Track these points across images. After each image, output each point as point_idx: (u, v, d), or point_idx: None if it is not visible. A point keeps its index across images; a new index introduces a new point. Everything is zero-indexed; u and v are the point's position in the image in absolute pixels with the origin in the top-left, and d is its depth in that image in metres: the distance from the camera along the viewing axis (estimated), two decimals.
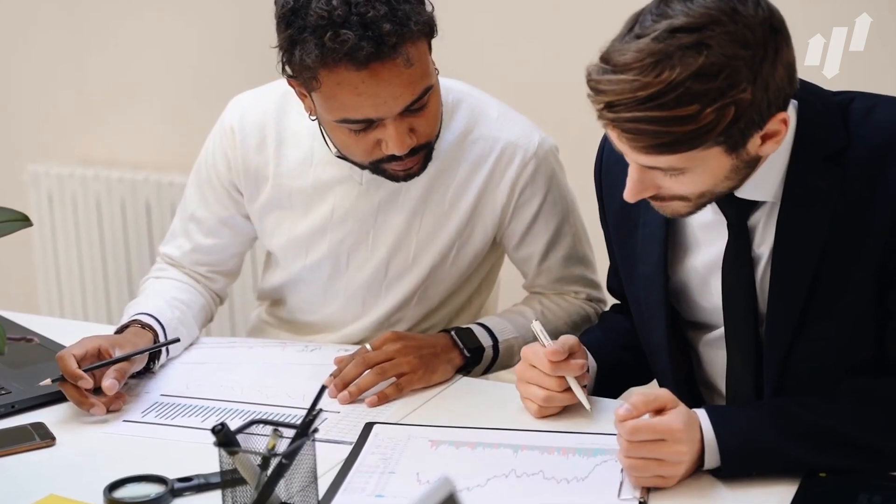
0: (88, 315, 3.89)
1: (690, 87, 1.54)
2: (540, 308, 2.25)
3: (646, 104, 1.55)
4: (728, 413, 1.73)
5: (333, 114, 1.97)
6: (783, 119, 1.63)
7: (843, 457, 1.68)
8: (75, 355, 1.95)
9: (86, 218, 3.82)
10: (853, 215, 1.69)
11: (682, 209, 1.72)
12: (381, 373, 2.01)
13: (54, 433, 1.90)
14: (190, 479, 1.74)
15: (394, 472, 1.76)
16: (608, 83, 1.58)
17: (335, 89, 1.93)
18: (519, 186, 2.17)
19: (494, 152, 2.15)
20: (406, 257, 2.20)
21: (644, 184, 1.69)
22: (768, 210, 1.76)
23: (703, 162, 1.62)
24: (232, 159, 2.23)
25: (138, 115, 3.82)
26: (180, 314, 2.21)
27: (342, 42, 1.87)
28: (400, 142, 1.97)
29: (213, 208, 2.29)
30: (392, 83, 1.92)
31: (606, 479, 1.72)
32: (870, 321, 1.73)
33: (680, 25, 1.56)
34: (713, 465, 1.69)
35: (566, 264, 2.25)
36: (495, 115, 2.18)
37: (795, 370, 1.77)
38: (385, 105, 1.94)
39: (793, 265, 1.73)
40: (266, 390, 2.05)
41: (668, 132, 1.57)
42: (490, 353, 2.14)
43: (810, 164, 1.71)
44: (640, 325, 1.96)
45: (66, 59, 3.87)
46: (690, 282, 1.87)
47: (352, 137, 2.00)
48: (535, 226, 2.21)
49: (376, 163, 2.03)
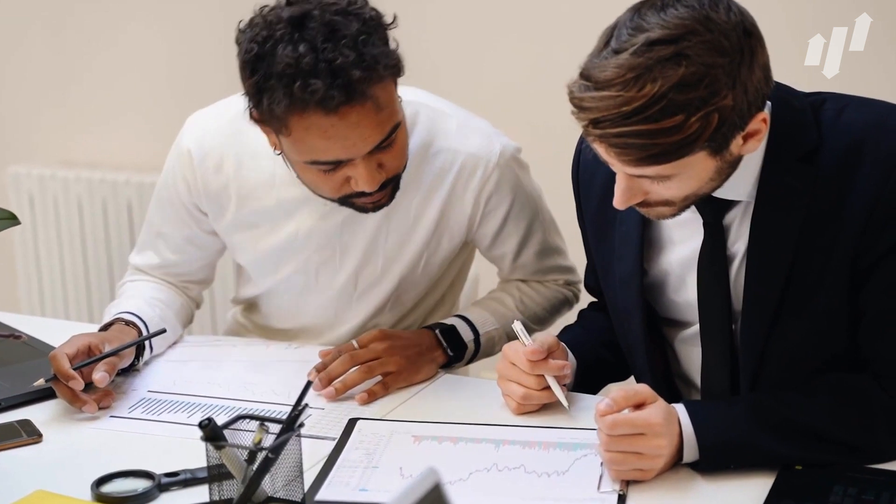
0: (70, 316, 3.89)
1: (674, 99, 1.56)
2: (518, 295, 2.27)
3: (631, 118, 1.58)
4: (706, 408, 1.76)
5: (302, 156, 1.97)
6: (763, 118, 1.66)
7: (818, 450, 1.71)
8: (68, 354, 1.97)
9: (67, 219, 3.83)
10: (826, 214, 1.73)
11: (667, 212, 1.76)
12: (367, 371, 2.04)
13: (41, 430, 1.92)
14: (177, 474, 1.76)
15: (377, 466, 1.79)
16: (591, 100, 1.60)
17: (304, 134, 1.91)
18: (484, 197, 2.17)
19: (456, 165, 2.15)
20: (374, 270, 2.21)
21: (632, 192, 1.71)
22: (743, 209, 1.79)
23: (690, 167, 1.65)
24: (191, 182, 2.21)
25: (120, 117, 3.83)
26: (160, 311, 2.23)
27: (312, 92, 1.85)
28: (370, 179, 1.96)
29: (177, 226, 2.29)
30: (361, 125, 1.91)
31: (586, 473, 1.74)
32: (842, 318, 1.76)
33: (657, 38, 1.58)
34: (692, 458, 1.72)
35: (540, 258, 2.27)
36: (455, 127, 2.17)
37: (770, 366, 1.81)
38: (354, 147, 1.93)
39: (767, 263, 1.77)
40: (251, 387, 2.08)
41: (656, 144, 1.59)
42: (472, 346, 2.17)
43: (784, 165, 1.74)
44: (617, 322, 1.99)
45: (47, 61, 3.88)
46: (666, 279, 1.91)
47: (321, 176, 1.98)
48: (505, 229, 2.22)
49: (345, 197, 2.02)
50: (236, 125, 2.15)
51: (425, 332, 2.14)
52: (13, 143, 3.99)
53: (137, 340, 2.08)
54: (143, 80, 3.77)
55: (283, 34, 1.88)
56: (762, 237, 1.77)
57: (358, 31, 1.89)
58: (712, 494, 1.69)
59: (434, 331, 2.14)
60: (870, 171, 1.70)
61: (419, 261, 2.21)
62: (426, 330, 2.15)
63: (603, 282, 2.00)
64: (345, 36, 1.87)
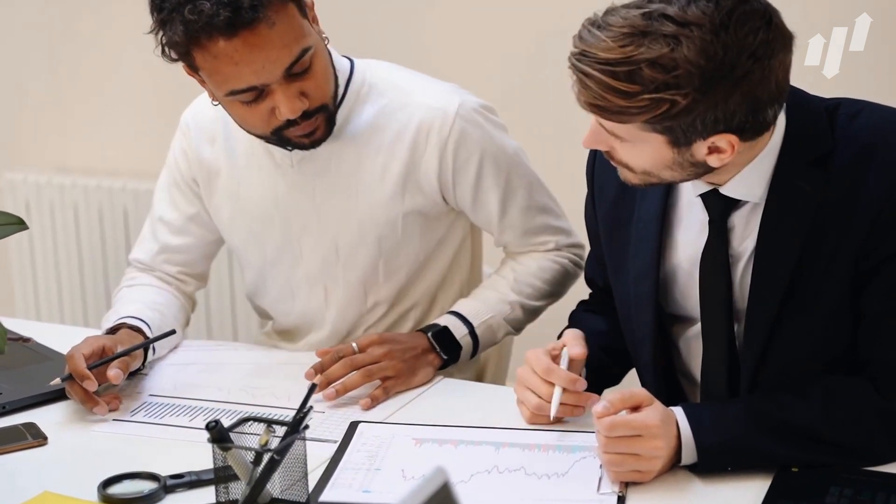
0: (66, 321, 3.89)
1: (641, 70, 1.62)
2: (512, 276, 2.28)
3: (602, 65, 1.64)
4: (703, 410, 1.79)
5: (221, 88, 2.03)
6: (731, 142, 1.69)
7: (814, 452, 1.74)
8: (84, 354, 1.99)
9: (63, 226, 3.84)
10: (834, 218, 1.75)
11: (631, 178, 1.80)
12: (367, 375, 2.06)
13: (46, 433, 1.94)
14: (182, 476, 1.78)
15: (380, 468, 1.81)
16: (588, 34, 1.67)
17: (213, 63, 1.98)
18: (449, 151, 2.18)
19: (414, 120, 2.18)
20: (352, 235, 2.23)
21: (597, 137, 1.77)
22: (750, 209, 1.82)
23: (643, 142, 1.70)
24: (189, 152, 2.29)
25: (115, 123, 3.84)
26: (160, 315, 2.24)
27: (199, 12, 1.93)
28: (290, 105, 2.01)
29: (181, 207, 2.33)
30: (265, 48, 1.96)
31: (586, 475, 1.77)
32: (844, 321, 1.79)
33: (671, 14, 1.63)
34: (690, 460, 1.75)
35: (527, 215, 2.27)
36: (415, 87, 2.22)
37: (770, 366, 1.83)
38: (264, 70, 1.98)
39: (773, 264, 1.79)
40: (252, 390, 2.10)
41: (604, 97, 1.65)
42: (468, 340, 2.19)
43: (796, 168, 1.76)
44: (625, 317, 2.00)
45: (42, 67, 3.89)
46: (676, 276, 1.93)
47: (246, 110, 2.05)
48: (482, 184, 2.22)
49: (276, 132, 2.07)
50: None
51: (419, 335, 2.16)
52: (9, 149, 4.00)
53: (151, 340, 2.11)
54: (139, 86, 3.77)
55: None
56: (770, 239, 1.79)
57: None
58: (710, 496, 1.71)
59: (427, 334, 2.16)
60: (877, 176, 1.72)
61: (395, 222, 2.22)
62: (420, 332, 2.18)
63: (613, 278, 2.01)
64: None
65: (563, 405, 1.88)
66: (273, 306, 2.38)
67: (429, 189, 2.21)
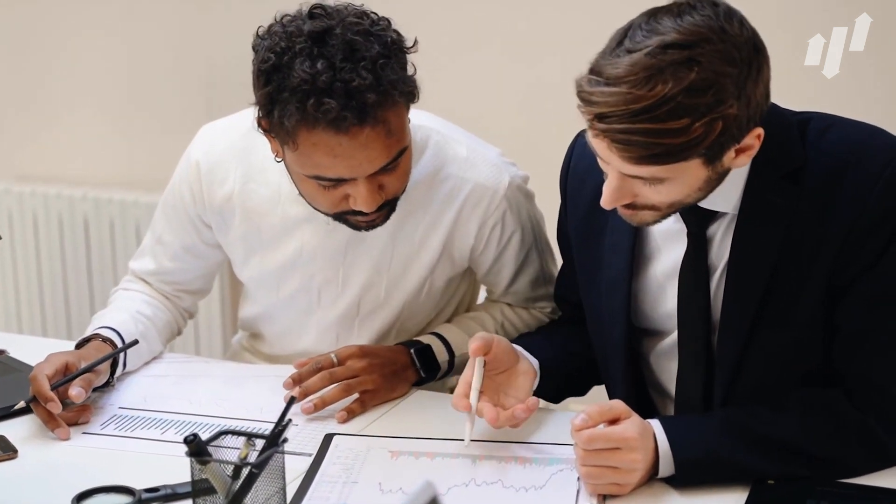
0: (23, 330, 3.86)
1: (682, 102, 1.60)
2: (501, 318, 2.28)
3: (639, 116, 1.61)
4: (681, 423, 1.79)
5: (305, 170, 1.95)
6: (758, 134, 1.70)
7: (791, 465, 1.75)
8: (47, 375, 1.95)
9: (21, 235, 3.81)
10: (806, 232, 1.76)
11: (650, 218, 1.78)
12: (346, 389, 2.04)
13: (16, 446, 1.91)
14: (157, 489, 1.76)
15: (356, 481, 1.80)
16: (601, 95, 1.63)
17: (311, 149, 1.90)
18: (488, 226, 2.16)
19: (463, 192, 2.14)
20: (377, 295, 2.20)
21: (622, 192, 1.73)
22: (727, 222, 1.82)
23: (684, 173, 1.68)
24: (197, 193, 2.21)
25: (76, 131, 3.81)
26: (143, 328, 2.21)
27: (325, 111, 1.84)
28: (370, 200, 1.95)
29: (178, 234, 2.28)
30: (369, 147, 1.89)
31: (563, 488, 1.77)
32: (818, 334, 1.80)
33: (671, 42, 1.62)
34: (667, 473, 1.75)
35: (533, 287, 2.27)
36: (464, 154, 2.15)
37: (745, 378, 1.84)
38: (360, 167, 1.92)
39: (746, 277, 1.80)
40: (224, 403, 2.08)
41: (659, 144, 1.62)
42: (446, 367, 2.18)
43: (768, 181, 1.78)
44: (596, 329, 2.00)
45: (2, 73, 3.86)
46: (647, 288, 1.93)
47: (319, 191, 1.97)
48: (503, 258, 2.22)
49: (340, 214, 2.01)
50: (248, 140, 2.15)
51: (401, 350, 2.15)
52: None
53: (110, 354, 2.07)
54: (100, 96, 3.75)
55: (302, 48, 1.87)
56: (743, 251, 1.80)
57: (378, 54, 1.88)
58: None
59: (409, 350, 2.15)
60: (850, 192, 1.74)
61: (422, 287, 2.20)
62: (402, 347, 2.16)
63: (584, 289, 2.01)
64: (364, 57, 1.86)
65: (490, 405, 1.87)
66: (274, 338, 2.33)
67: (459, 259, 2.20)
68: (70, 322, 3.83)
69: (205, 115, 2.79)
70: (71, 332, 3.79)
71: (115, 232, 3.70)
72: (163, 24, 3.62)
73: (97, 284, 3.76)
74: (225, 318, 3.63)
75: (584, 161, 1.92)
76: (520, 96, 3.30)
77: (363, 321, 2.23)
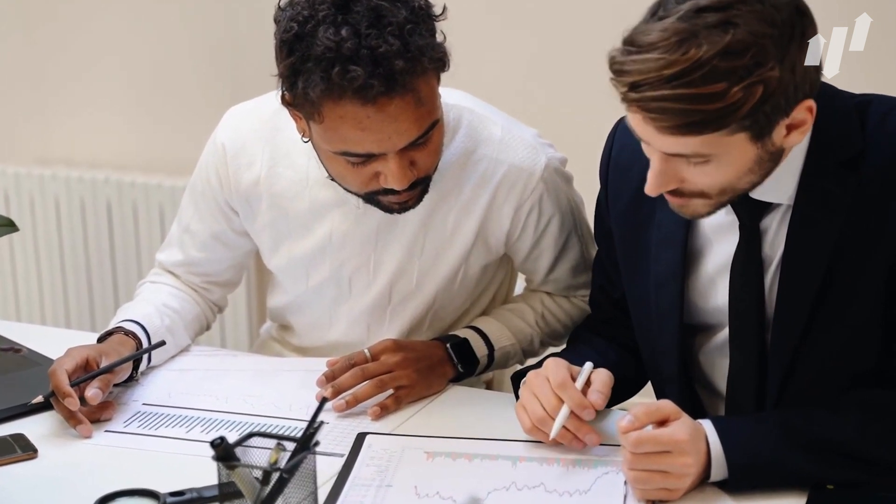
0: (46, 317, 3.83)
1: (717, 65, 1.52)
2: (541, 309, 2.20)
3: (672, 82, 1.53)
4: (734, 425, 1.70)
5: (333, 145, 1.87)
6: (809, 107, 1.60)
7: (850, 470, 1.67)
8: (67, 370, 1.89)
9: (44, 218, 3.76)
10: (865, 223, 1.67)
11: (702, 208, 1.69)
12: (380, 385, 1.96)
13: (36, 445, 1.84)
14: (182, 493, 1.68)
15: (391, 485, 1.72)
16: (633, 63, 1.55)
17: (338, 122, 1.82)
18: (524, 210, 2.08)
19: (497, 175, 2.06)
20: (409, 283, 2.12)
21: (667, 175, 1.65)
22: (781, 213, 1.74)
23: (729, 149, 1.59)
24: (223, 177, 2.13)
25: (97, 114, 3.76)
26: (170, 322, 2.14)
27: (351, 79, 1.76)
28: (401, 176, 1.87)
29: (207, 222, 2.20)
30: (399, 119, 1.82)
31: (609, 492, 1.69)
32: (875, 332, 1.71)
33: (706, 5, 1.54)
34: (720, 477, 1.67)
35: (573, 274, 2.20)
36: (499, 136, 2.07)
37: (799, 377, 1.76)
38: (389, 141, 1.84)
39: (802, 270, 1.72)
40: (252, 399, 2.00)
41: (695, 110, 1.54)
42: (485, 361, 2.10)
43: (826, 169, 1.69)
44: (644, 325, 1.91)
45: (21, 57, 3.80)
46: (698, 283, 1.84)
47: (349, 168, 1.90)
48: (542, 244, 2.14)
49: (371, 194, 1.94)
50: (274, 123, 2.08)
51: (437, 345, 2.07)
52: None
53: (132, 355, 1.99)
54: (120, 77, 3.69)
55: (325, 15, 1.79)
56: (799, 243, 1.71)
57: (405, 20, 1.80)
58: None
59: (446, 344, 2.07)
60: None
61: (456, 274, 2.12)
62: (438, 342, 2.08)
63: (628, 283, 1.92)
64: (391, 23, 1.78)
65: (564, 428, 1.77)
66: (304, 329, 2.26)
67: (495, 245, 2.12)
68: (93, 309, 3.78)
69: (229, 97, 2.75)
70: (94, 320, 3.75)
71: (138, 215, 3.64)
72: (187, 5, 3.56)
73: (120, 269, 3.71)
74: (251, 307, 3.56)
75: (628, 151, 1.83)
76: (556, 76, 3.22)
77: (395, 310, 2.15)
